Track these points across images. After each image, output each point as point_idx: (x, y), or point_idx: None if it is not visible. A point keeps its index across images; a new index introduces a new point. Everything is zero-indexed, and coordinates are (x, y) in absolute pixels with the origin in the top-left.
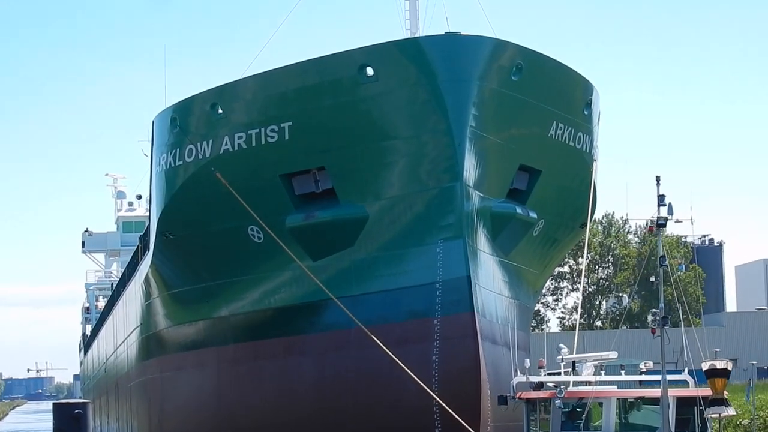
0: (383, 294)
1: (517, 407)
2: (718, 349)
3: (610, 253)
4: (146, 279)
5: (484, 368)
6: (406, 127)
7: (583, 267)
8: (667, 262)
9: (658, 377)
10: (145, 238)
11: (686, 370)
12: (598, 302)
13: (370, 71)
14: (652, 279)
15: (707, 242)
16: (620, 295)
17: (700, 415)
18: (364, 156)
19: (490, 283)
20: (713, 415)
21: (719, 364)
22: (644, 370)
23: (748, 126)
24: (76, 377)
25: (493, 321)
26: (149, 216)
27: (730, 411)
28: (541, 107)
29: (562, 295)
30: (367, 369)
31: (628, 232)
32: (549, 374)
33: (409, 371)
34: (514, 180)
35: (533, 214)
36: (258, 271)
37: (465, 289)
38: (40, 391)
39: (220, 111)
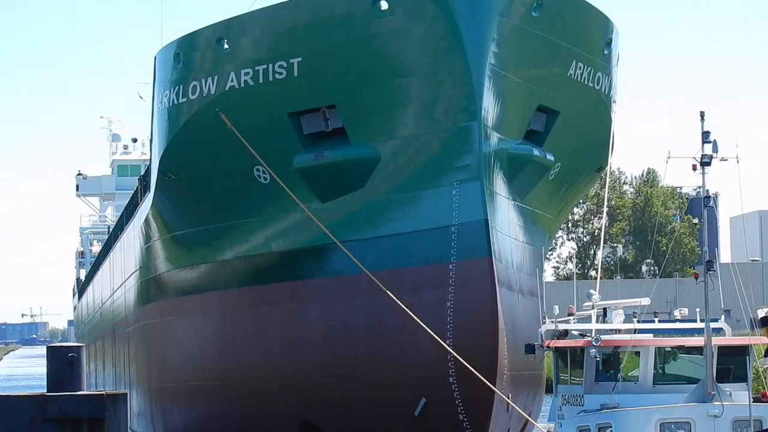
0: (395, 238)
1: (536, 357)
2: None
3: (606, 204)
4: (146, 221)
5: (501, 316)
6: (422, 65)
7: (604, 213)
8: (710, 203)
9: (696, 325)
10: (145, 179)
11: (723, 317)
12: (593, 252)
13: (384, 5)
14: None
15: (702, 193)
16: (615, 245)
17: (742, 364)
18: (376, 94)
19: (506, 227)
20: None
21: None
22: (679, 317)
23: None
24: (70, 323)
25: (509, 267)
26: (150, 156)
27: None
28: (561, 45)
29: (556, 244)
30: (377, 317)
31: (623, 183)
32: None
33: (420, 321)
34: (532, 121)
35: (550, 157)
36: (263, 213)
37: (482, 234)
38: (34, 336)
39: (226, 46)
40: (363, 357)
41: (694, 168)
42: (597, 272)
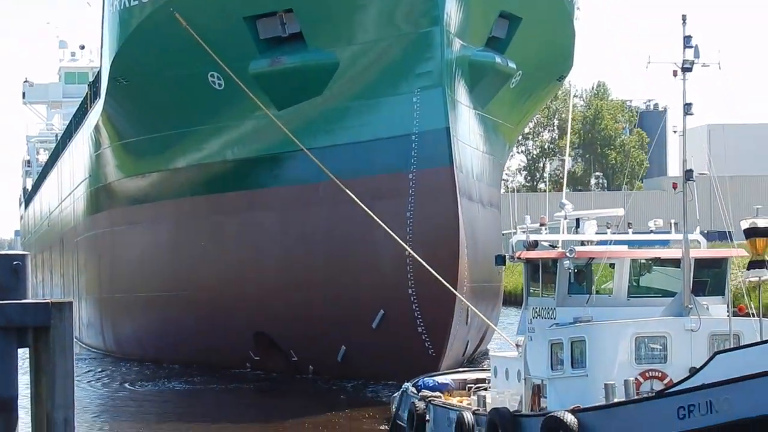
0: (354, 146)
1: (495, 269)
2: (760, 206)
3: (556, 116)
4: (96, 128)
5: (462, 227)
6: None
7: (568, 117)
8: (690, 111)
9: (673, 236)
10: (95, 86)
11: (698, 229)
12: (542, 165)
13: None
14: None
15: (651, 107)
16: (564, 158)
17: (720, 277)
18: None
19: (467, 136)
20: (752, 279)
21: (761, 222)
22: (654, 229)
23: None
24: (16, 233)
25: (469, 177)
26: (100, 61)
27: None
28: None
29: None
30: (336, 227)
31: (574, 96)
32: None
33: (386, 227)
34: (494, 27)
35: (512, 65)
36: (218, 120)
37: (444, 142)
38: None
39: None
40: (320, 267)
41: (675, 74)
42: (563, 184)
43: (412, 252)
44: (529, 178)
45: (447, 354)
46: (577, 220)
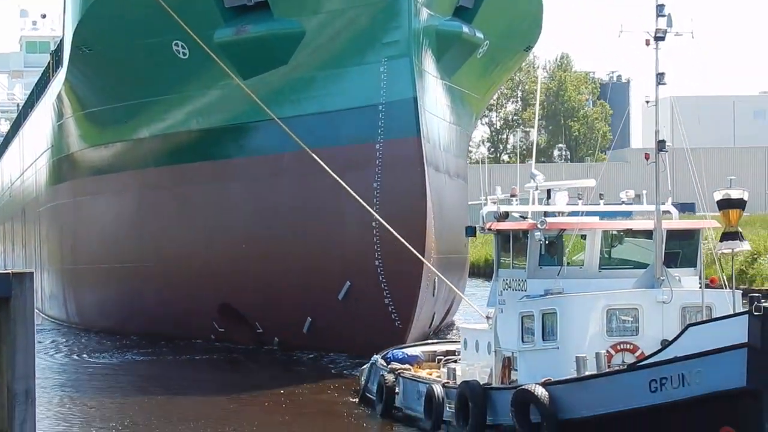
0: (320, 116)
1: (462, 240)
2: (733, 177)
3: (519, 88)
4: (59, 97)
5: (430, 198)
6: None
7: (537, 87)
8: (662, 80)
9: (646, 207)
10: (57, 55)
11: (670, 200)
12: (505, 136)
13: None
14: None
15: (615, 79)
16: (527, 129)
17: (692, 248)
18: None
19: (434, 107)
20: (725, 251)
21: (734, 194)
22: (626, 200)
23: None
24: None
25: (436, 147)
26: (62, 30)
27: (745, 246)
28: None
29: None
30: (302, 197)
31: (537, 68)
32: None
33: (356, 195)
34: None
35: (479, 34)
36: (182, 89)
37: (411, 113)
38: None
39: None
40: (286, 239)
41: (647, 43)
42: (533, 155)
43: (380, 219)
44: (492, 150)
45: (414, 326)
46: (548, 191)
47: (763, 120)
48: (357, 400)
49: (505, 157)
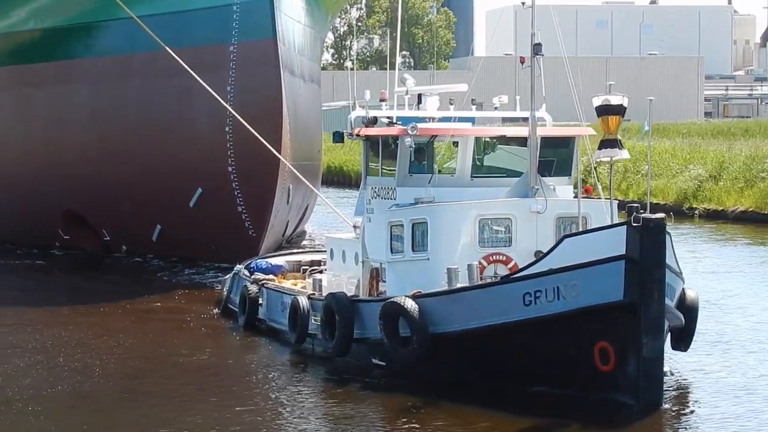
0: (173, 15)
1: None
2: (612, 82)
3: None
4: None
5: (285, 101)
6: None
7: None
8: None
9: (519, 113)
10: None
11: (544, 106)
12: (349, 43)
13: None
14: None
15: None
16: (371, 36)
17: (566, 156)
18: None
19: (289, 7)
20: (604, 159)
21: (614, 99)
22: (498, 106)
23: None
24: None
25: (291, 50)
26: None
27: (624, 154)
28: None
29: None
30: (152, 99)
31: None
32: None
33: (216, 95)
34: None
35: None
36: None
37: (267, 13)
38: None
39: None
40: (135, 142)
41: None
42: (396, 62)
43: (236, 114)
44: (336, 56)
45: (267, 234)
46: (419, 96)
47: (605, 30)
48: (218, 311)
49: (348, 64)
